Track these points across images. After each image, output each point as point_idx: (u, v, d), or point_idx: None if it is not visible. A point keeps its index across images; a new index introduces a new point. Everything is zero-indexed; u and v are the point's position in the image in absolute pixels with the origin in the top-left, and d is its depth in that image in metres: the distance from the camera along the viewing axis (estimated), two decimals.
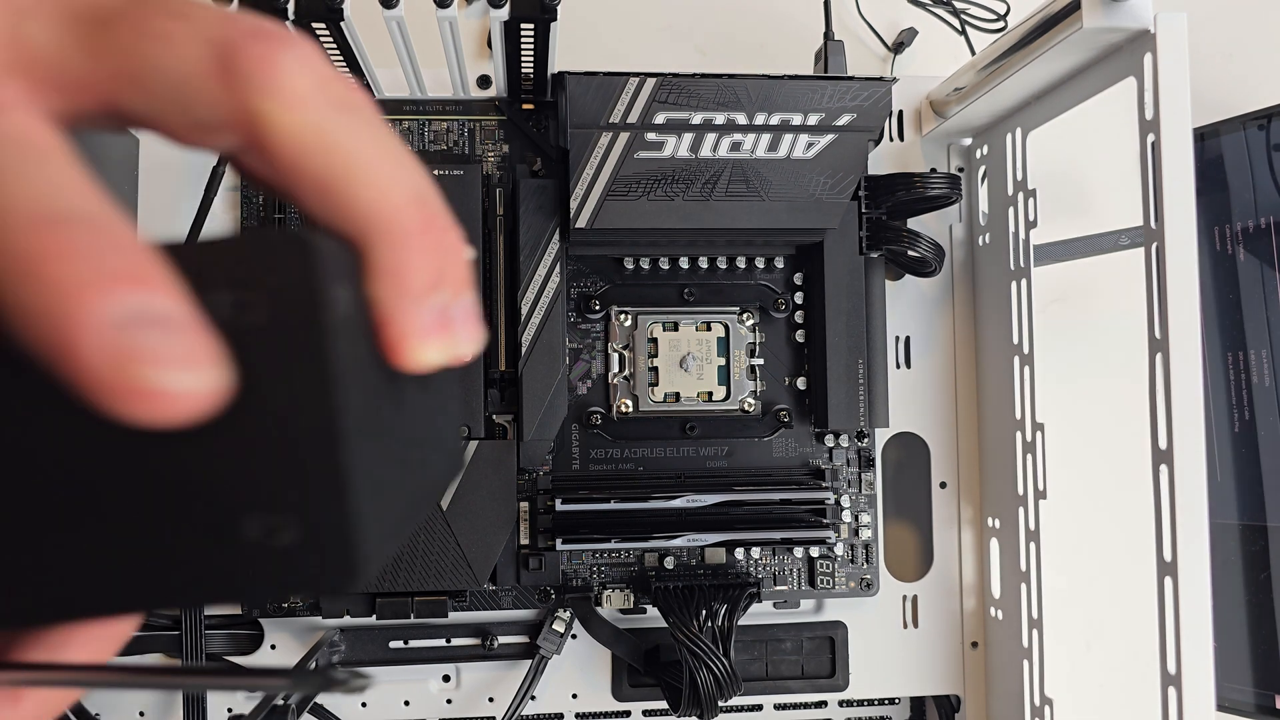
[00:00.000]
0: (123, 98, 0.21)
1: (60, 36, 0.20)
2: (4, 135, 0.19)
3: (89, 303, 0.18)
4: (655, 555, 0.68)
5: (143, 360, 0.18)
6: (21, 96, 0.20)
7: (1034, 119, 0.66)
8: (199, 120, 0.21)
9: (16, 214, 0.18)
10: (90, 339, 0.18)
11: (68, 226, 0.18)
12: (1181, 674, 0.52)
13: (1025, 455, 0.68)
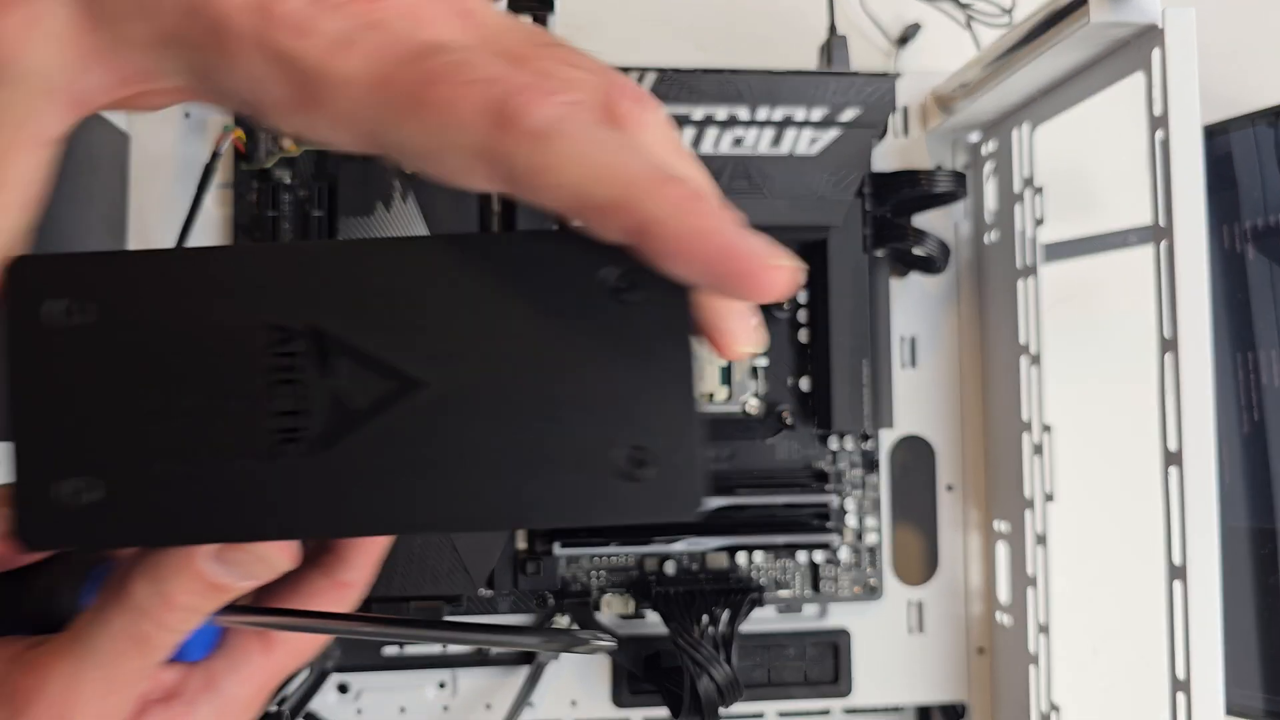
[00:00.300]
0: (414, 134, 0.25)
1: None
2: (590, 114, 0.25)
3: (731, 226, 0.24)
4: (655, 560, 0.67)
5: (767, 253, 0.24)
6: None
7: (1041, 114, 0.65)
8: (467, 155, 0.25)
9: (645, 169, 0.24)
10: (740, 245, 0.24)
11: (679, 181, 0.24)
12: (1191, 679, 0.51)
13: (1033, 457, 0.67)
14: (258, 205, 0.66)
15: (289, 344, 0.26)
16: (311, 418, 0.26)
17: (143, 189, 0.67)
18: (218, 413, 0.25)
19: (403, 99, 0.24)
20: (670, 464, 0.26)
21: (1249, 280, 0.71)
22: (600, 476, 0.26)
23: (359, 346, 0.26)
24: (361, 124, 0.25)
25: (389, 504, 0.26)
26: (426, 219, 0.63)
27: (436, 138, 0.24)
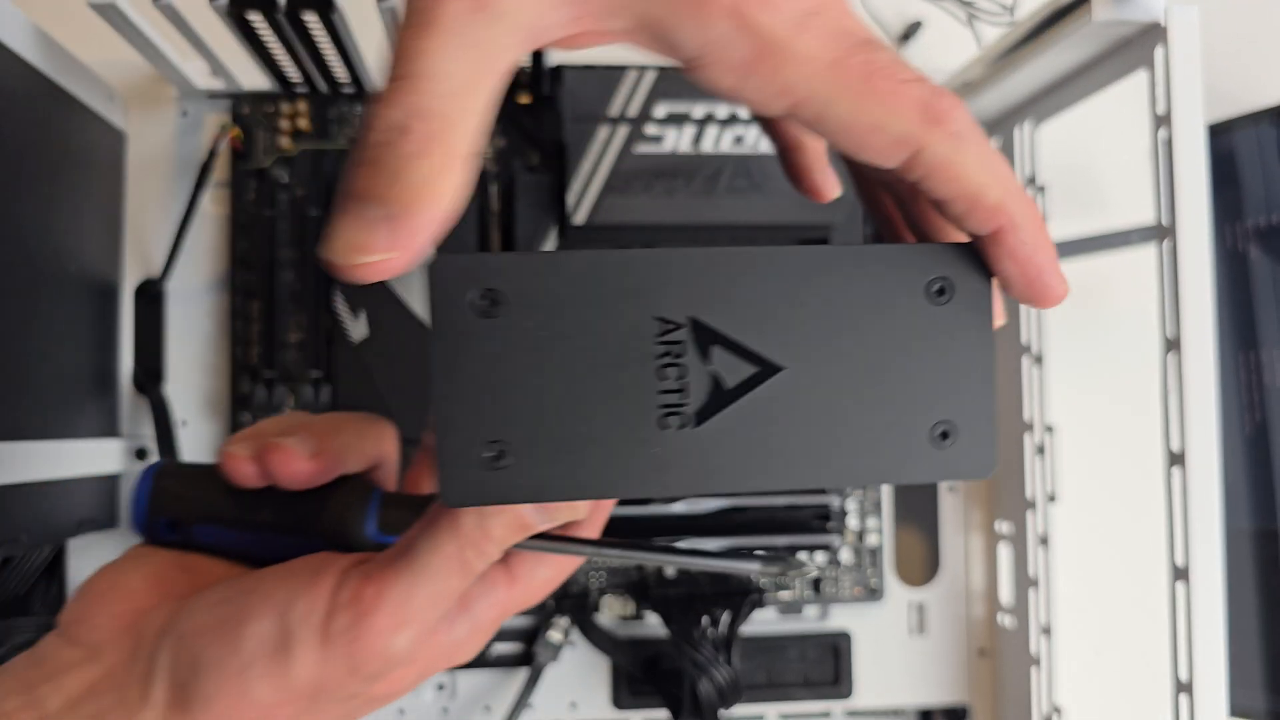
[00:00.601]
0: (840, 112, 0.29)
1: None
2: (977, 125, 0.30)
3: (1053, 247, 0.32)
4: None
5: (1064, 278, 0.32)
6: None
7: (1043, 112, 0.65)
8: (889, 138, 0.29)
9: (1019, 186, 0.30)
10: (1056, 265, 0.32)
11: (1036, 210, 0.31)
12: (1194, 681, 0.51)
13: (1035, 458, 0.67)
14: (255, 204, 0.65)
15: (674, 334, 0.31)
16: (689, 395, 0.31)
17: (140, 187, 0.67)
18: (613, 390, 0.30)
19: (852, 81, 0.29)
20: (972, 436, 0.32)
21: (1252, 279, 0.71)
22: (916, 445, 0.32)
23: (730, 336, 0.31)
24: (800, 92, 0.29)
25: (750, 468, 0.31)
26: None
27: (873, 118, 0.29)
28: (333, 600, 0.33)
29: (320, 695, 0.33)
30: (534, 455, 0.30)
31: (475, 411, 0.30)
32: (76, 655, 0.34)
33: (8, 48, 0.52)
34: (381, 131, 0.27)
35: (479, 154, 0.26)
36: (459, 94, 0.27)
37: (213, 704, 0.32)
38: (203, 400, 0.66)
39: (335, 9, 0.54)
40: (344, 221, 0.28)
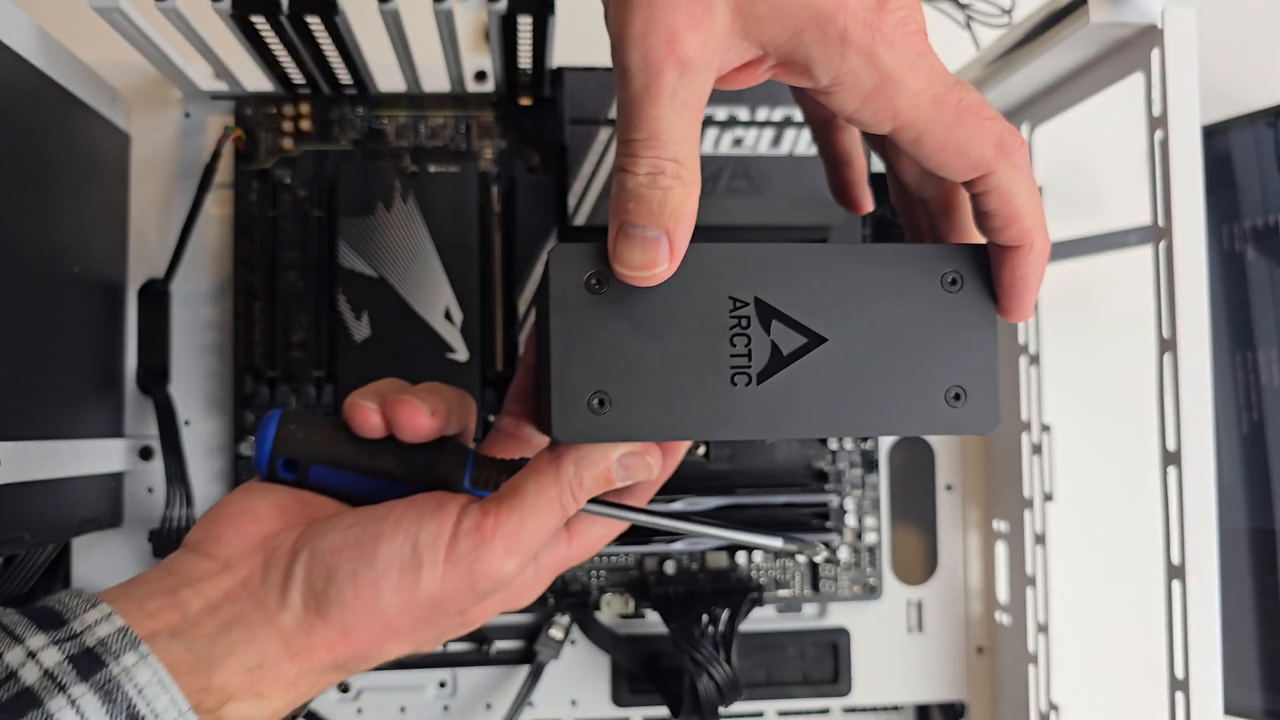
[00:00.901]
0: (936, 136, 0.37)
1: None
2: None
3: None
4: (655, 559, 0.67)
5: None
6: None
7: (1041, 114, 0.65)
8: (967, 161, 0.37)
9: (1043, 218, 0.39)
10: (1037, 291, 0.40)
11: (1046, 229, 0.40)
12: (1190, 679, 0.51)
13: (1032, 457, 0.67)
14: (257, 205, 0.66)
15: (742, 310, 0.39)
16: (753, 359, 0.38)
17: (143, 188, 0.67)
18: (693, 353, 0.38)
19: (948, 114, 0.36)
20: (979, 398, 0.39)
21: (1248, 280, 0.71)
22: (934, 403, 0.39)
23: (786, 313, 0.39)
24: (906, 118, 0.37)
25: (800, 418, 0.39)
26: (426, 218, 0.63)
27: (958, 143, 0.37)
28: (457, 527, 0.39)
29: (436, 609, 0.39)
30: (629, 403, 0.38)
31: (583, 367, 0.38)
32: (211, 567, 0.39)
33: (13, 50, 0.53)
34: (642, 176, 0.35)
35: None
36: (685, 141, 0.36)
37: (346, 609, 0.38)
38: (206, 400, 0.66)
39: (338, 11, 0.54)
40: (629, 245, 0.36)
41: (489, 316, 0.65)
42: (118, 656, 0.34)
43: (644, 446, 0.41)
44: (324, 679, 0.40)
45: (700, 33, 0.35)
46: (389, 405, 0.42)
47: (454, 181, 0.64)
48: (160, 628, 0.37)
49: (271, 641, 0.38)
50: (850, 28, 0.35)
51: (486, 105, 0.67)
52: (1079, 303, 0.70)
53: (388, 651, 0.40)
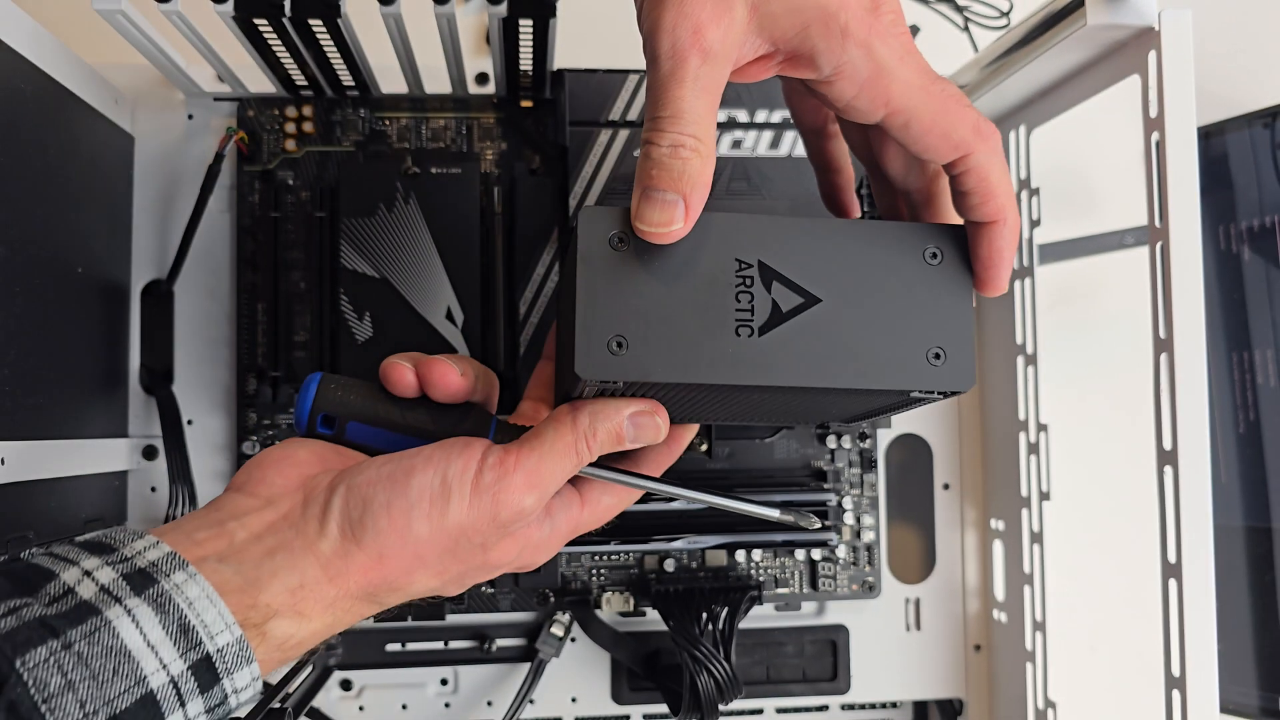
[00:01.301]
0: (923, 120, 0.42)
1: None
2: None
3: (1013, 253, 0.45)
4: (655, 558, 0.67)
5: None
6: None
7: (1038, 116, 0.66)
8: (950, 143, 0.42)
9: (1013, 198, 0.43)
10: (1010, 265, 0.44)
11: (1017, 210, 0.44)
12: (1186, 676, 0.52)
13: (1029, 456, 0.67)
14: (260, 206, 0.66)
15: (747, 271, 0.42)
16: (755, 314, 0.42)
17: (147, 190, 0.67)
18: (702, 305, 0.42)
19: (934, 101, 0.41)
20: (957, 359, 0.43)
21: (1245, 280, 0.71)
22: (916, 362, 0.43)
23: (786, 275, 0.43)
24: (897, 104, 0.41)
25: (796, 368, 0.42)
26: (428, 220, 0.63)
27: (943, 127, 0.41)
28: (482, 463, 0.43)
29: (461, 539, 0.43)
30: (644, 346, 0.41)
31: (605, 314, 0.41)
32: (255, 503, 0.43)
33: (17, 53, 0.53)
34: (665, 148, 0.40)
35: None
36: (703, 120, 0.40)
37: (381, 535, 0.42)
38: (209, 400, 0.67)
39: (340, 14, 0.55)
40: (650, 205, 0.40)
41: (490, 317, 0.65)
42: (168, 575, 0.37)
43: (653, 406, 0.45)
44: (358, 606, 0.43)
45: (721, 26, 0.39)
46: (423, 364, 0.47)
47: (455, 183, 0.65)
48: (208, 554, 0.40)
49: (311, 566, 0.41)
50: (850, 24, 0.40)
51: (488, 107, 0.68)
52: (1076, 303, 0.71)
53: (416, 582, 0.43)
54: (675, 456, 0.51)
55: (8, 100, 0.52)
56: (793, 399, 0.46)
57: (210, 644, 0.37)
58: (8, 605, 0.34)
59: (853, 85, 0.41)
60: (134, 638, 0.35)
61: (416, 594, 0.44)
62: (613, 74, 0.63)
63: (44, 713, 0.33)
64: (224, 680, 0.37)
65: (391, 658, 0.68)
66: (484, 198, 0.66)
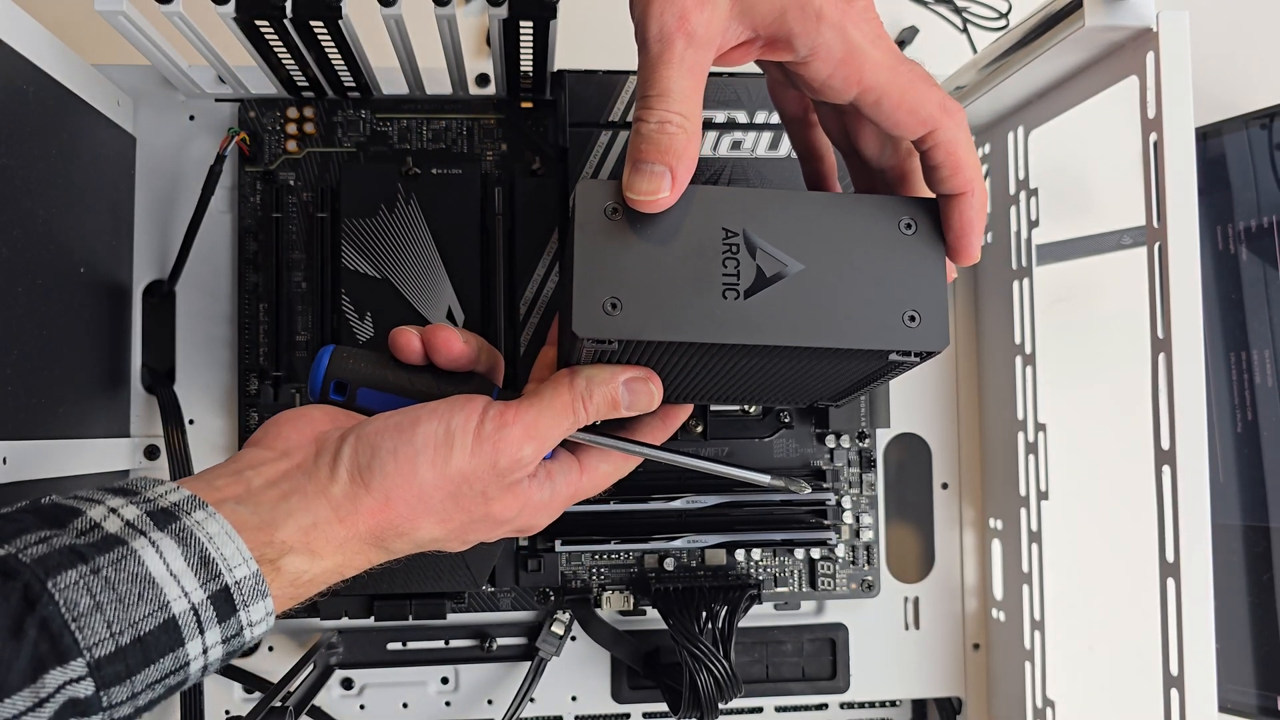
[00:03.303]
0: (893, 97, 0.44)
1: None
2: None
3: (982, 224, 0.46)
4: (655, 557, 0.68)
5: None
6: None
7: (1036, 117, 0.66)
8: (919, 119, 0.44)
9: (979, 170, 0.46)
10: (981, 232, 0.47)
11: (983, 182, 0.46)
12: (1184, 675, 0.52)
13: (1027, 456, 0.68)
14: (261, 207, 0.66)
15: (733, 239, 0.45)
16: (740, 278, 0.44)
17: (149, 190, 0.68)
18: (691, 269, 0.44)
19: (902, 79, 0.44)
20: (931, 321, 0.45)
21: (1242, 281, 0.72)
22: (893, 323, 0.45)
23: (770, 243, 0.45)
24: (869, 82, 0.44)
25: (779, 328, 0.44)
26: (429, 220, 0.64)
27: (911, 103, 0.44)
28: (483, 415, 0.45)
29: (464, 485, 0.45)
30: (636, 307, 0.44)
31: (601, 277, 0.44)
32: (271, 455, 0.45)
33: (20, 54, 0.53)
34: (654, 124, 0.43)
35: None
36: (689, 98, 0.43)
37: (388, 479, 0.44)
38: (211, 400, 0.67)
39: (342, 15, 0.55)
40: (639, 176, 0.43)
41: (491, 316, 0.65)
42: (190, 513, 0.39)
43: (646, 374, 0.47)
44: (366, 550, 0.45)
45: (705, 12, 0.42)
46: (428, 330, 0.50)
47: (456, 183, 0.65)
48: (226, 497, 0.42)
49: (323, 507, 0.43)
50: (824, 8, 0.43)
51: (488, 108, 0.68)
52: (1074, 303, 0.71)
53: (421, 528, 0.45)
54: (670, 432, 0.54)
55: (10, 101, 0.52)
56: (778, 365, 0.48)
57: (229, 576, 0.39)
58: (39, 535, 0.36)
59: (827, 65, 0.44)
60: (158, 566, 0.37)
61: (422, 541, 0.46)
62: (613, 75, 0.63)
63: (74, 630, 0.35)
64: (240, 612, 0.39)
65: (392, 656, 0.68)
66: (484, 198, 0.66)
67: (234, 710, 0.67)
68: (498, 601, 0.67)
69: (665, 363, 0.47)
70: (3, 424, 0.52)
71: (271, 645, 0.67)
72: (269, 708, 0.59)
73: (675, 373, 0.49)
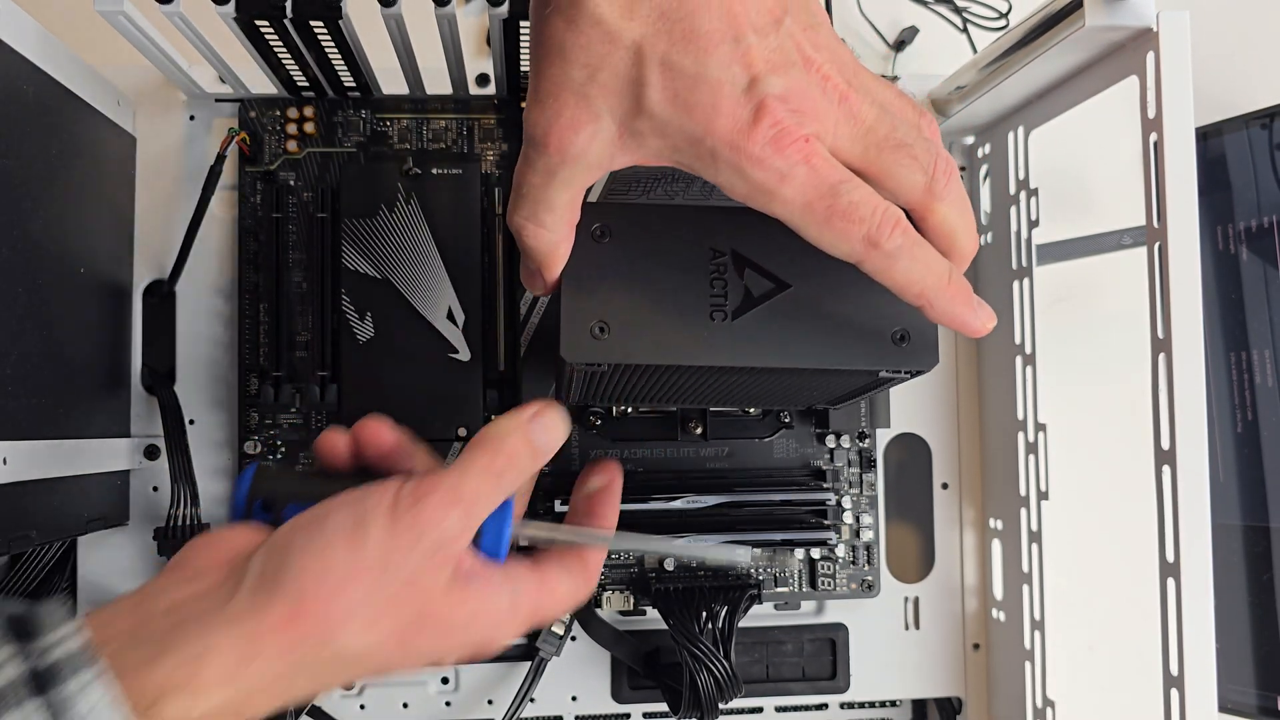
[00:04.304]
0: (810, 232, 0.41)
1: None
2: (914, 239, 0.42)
3: (973, 310, 0.44)
4: (655, 557, 0.67)
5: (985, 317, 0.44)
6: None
7: (1036, 117, 0.66)
8: (840, 252, 0.41)
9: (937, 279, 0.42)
10: (972, 319, 0.44)
11: (953, 279, 0.43)
12: (1184, 675, 0.52)
13: (1027, 456, 0.68)
14: (262, 207, 0.66)
15: (720, 259, 0.45)
16: (728, 300, 0.45)
17: (149, 190, 0.68)
18: (679, 292, 0.44)
19: (817, 219, 0.40)
20: (921, 341, 0.46)
21: (1242, 281, 0.72)
22: (882, 343, 0.45)
23: (757, 263, 0.45)
24: (783, 216, 0.41)
25: (767, 350, 0.44)
26: (429, 220, 0.64)
27: (828, 242, 0.41)
28: (399, 490, 0.42)
29: (389, 567, 0.40)
30: (625, 331, 0.44)
31: (589, 301, 0.44)
32: (180, 578, 0.41)
33: (19, 54, 0.53)
34: (519, 220, 0.44)
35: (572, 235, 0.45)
36: (564, 209, 0.43)
37: (299, 577, 0.40)
38: (211, 400, 0.67)
39: (342, 15, 0.55)
40: (523, 272, 0.47)
41: (491, 317, 0.65)
42: (76, 673, 0.36)
43: (545, 404, 0.46)
44: (278, 678, 0.39)
45: (585, 134, 0.41)
46: (356, 427, 0.48)
47: (456, 183, 0.65)
48: (120, 631, 0.38)
49: (217, 632, 0.38)
50: (718, 149, 0.40)
51: (488, 108, 0.68)
52: (1074, 303, 0.71)
53: (345, 633, 0.40)
54: (616, 503, 0.54)
55: (9, 101, 0.52)
56: (767, 380, 0.49)
57: None
58: None
59: (736, 195, 0.41)
60: None
61: (352, 654, 0.41)
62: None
63: None
64: None
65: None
66: (485, 198, 0.66)
67: None
68: None
69: (657, 380, 0.47)
70: (3, 424, 0.52)
71: None
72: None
73: (669, 387, 0.49)
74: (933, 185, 0.43)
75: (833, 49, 0.42)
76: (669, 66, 0.39)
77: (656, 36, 0.39)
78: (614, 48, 0.39)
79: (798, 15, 0.41)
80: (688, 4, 0.39)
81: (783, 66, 0.40)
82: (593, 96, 0.40)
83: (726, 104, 0.39)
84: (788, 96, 0.39)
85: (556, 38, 0.40)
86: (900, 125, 0.42)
